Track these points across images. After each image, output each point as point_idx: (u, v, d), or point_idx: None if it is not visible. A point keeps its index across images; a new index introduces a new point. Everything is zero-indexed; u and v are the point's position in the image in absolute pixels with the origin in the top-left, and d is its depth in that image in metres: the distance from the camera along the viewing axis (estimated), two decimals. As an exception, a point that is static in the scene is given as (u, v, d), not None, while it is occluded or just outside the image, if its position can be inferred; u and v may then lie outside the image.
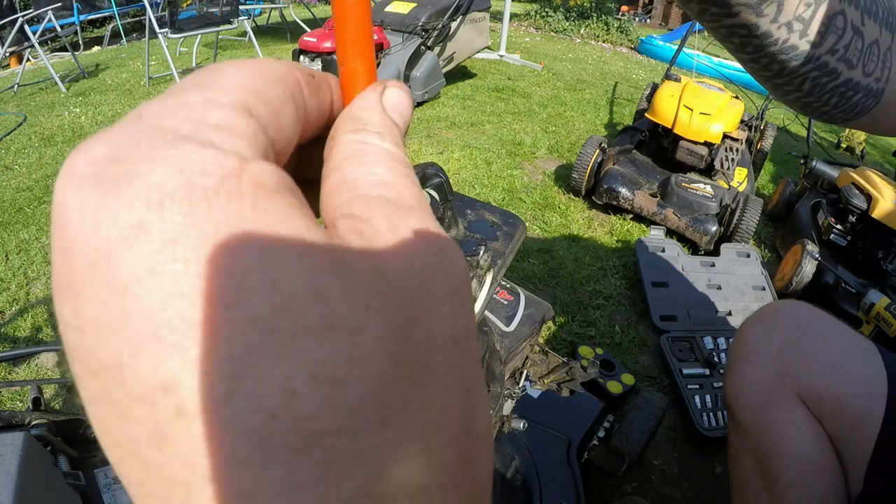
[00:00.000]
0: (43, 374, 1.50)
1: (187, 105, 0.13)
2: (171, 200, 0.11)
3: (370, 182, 0.14)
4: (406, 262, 0.13)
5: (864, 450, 0.66)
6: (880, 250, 1.93)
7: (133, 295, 0.10)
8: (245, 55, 5.01)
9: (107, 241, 0.11)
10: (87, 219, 0.11)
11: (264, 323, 0.10)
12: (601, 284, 2.05)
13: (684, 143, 2.46)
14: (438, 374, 0.13)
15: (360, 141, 0.16)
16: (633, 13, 9.84)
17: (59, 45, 5.39)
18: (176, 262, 0.10)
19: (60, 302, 0.11)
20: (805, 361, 0.72)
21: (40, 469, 0.47)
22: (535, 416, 1.15)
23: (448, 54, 3.81)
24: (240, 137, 0.13)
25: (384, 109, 0.17)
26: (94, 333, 0.11)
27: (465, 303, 0.14)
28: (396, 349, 0.12)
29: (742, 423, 0.77)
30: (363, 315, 0.11)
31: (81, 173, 0.11)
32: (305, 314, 0.11)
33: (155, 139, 0.12)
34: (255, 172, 0.12)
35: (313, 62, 3.14)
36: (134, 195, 0.11)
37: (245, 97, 0.13)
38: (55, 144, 2.98)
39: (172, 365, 0.10)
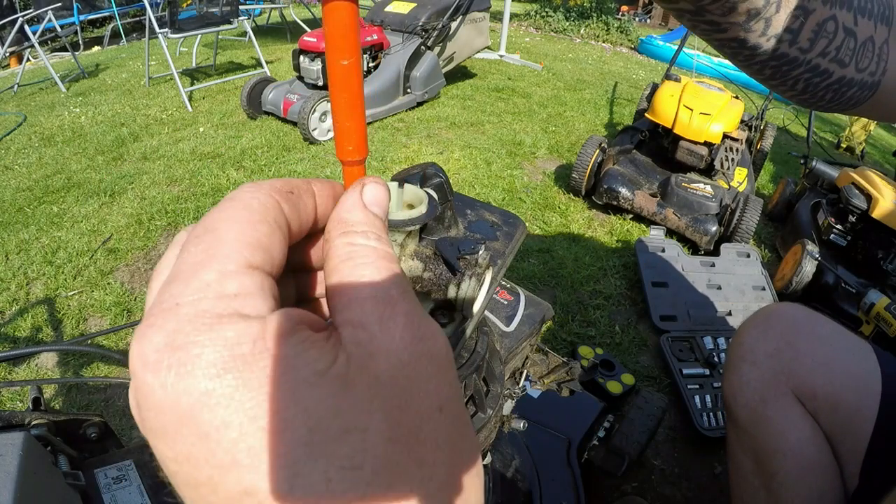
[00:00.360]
0: (43, 374, 1.50)
1: (208, 284, 0.17)
2: (224, 370, 0.16)
3: (361, 285, 0.19)
4: (396, 360, 0.17)
5: (858, 446, 0.67)
6: (880, 250, 1.93)
7: (215, 439, 0.15)
8: (245, 55, 5.02)
9: (188, 406, 0.15)
10: (167, 392, 0.15)
11: (304, 440, 0.16)
12: (601, 284, 2.05)
13: (684, 143, 2.46)
14: (428, 438, 0.18)
15: (349, 243, 0.20)
16: (633, 13, 9.83)
17: (59, 45, 5.39)
18: (238, 412, 0.15)
19: (155, 441, 0.16)
20: (800, 360, 0.73)
21: (40, 469, 0.47)
22: (535, 416, 1.15)
23: (448, 54, 3.81)
24: (252, 296, 0.17)
25: (365, 206, 0.21)
26: (189, 464, 0.16)
27: (446, 374, 0.19)
28: (393, 434, 0.17)
29: (740, 422, 0.78)
30: (367, 418, 0.16)
31: (153, 360, 0.16)
32: (329, 428, 0.16)
33: (197, 324, 0.16)
34: (273, 327, 0.17)
35: (313, 62, 3.14)
36: (198, 372, 0.15)
37: (244, 254, 0.18)
38: (55, 144, 2.98)
39: (250, 477, 0.15)
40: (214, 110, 3.54)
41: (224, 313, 0.16)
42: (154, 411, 0.16)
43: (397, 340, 0.18)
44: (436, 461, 0.18)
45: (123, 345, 1.62)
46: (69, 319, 1.71)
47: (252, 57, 4.79)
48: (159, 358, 0.16)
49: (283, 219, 0.20)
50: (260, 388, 0.16)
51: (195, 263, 0.17)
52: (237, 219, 0.18)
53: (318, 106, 2.94)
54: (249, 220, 0.18)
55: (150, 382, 0.16)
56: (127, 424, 1.37)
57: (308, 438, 0.16)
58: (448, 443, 0.18)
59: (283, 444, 0.15)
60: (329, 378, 0.16)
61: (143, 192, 2.45)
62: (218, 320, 0.16)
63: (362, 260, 0.19)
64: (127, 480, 0.55)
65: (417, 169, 0.39)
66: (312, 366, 0.16)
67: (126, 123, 3.29)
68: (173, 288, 0.17)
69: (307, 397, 0.16)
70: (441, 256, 0.32)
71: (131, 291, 1.85)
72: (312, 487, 0.15)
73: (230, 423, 0.15)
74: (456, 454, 0.18)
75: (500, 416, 0.59)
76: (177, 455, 0.16)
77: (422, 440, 0.17)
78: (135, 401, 0.17)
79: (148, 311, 0.17)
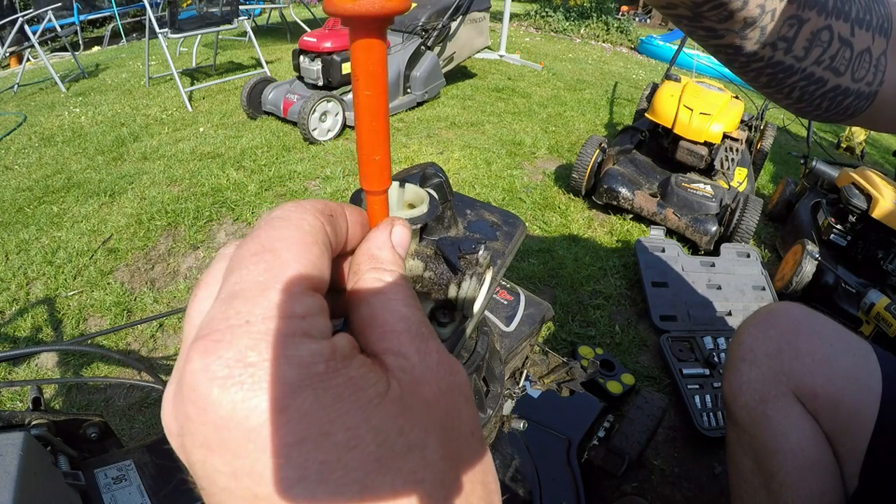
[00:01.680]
0: (43, 374, 1.50)
1: (277, 305, 0.17)
2: (301, 388, 0.16)
3: (395, 319, 0.20)
4: (437, 388, 0.19)
5: (859, 446, 0.67)
6: (880, 250, 1.93)
7: (284, 455, 0.16)
8: (245, 55, 5.02)
9: (259, 423, 0.16)
10: (236, 408, 0.16)
11: (374, 455, 0.16)
12: (601, 284, 2.05)
13: (684, 143, 2.46)
14: (465, 458, 0.20)
15: (378, 279, 0.21)
16: (633, 13, 9.83)
17: (59, 45, 5.39)
18: (312, 428, 0.16)
19: (207, 457, 0.16)
20: (800, 360, 0.73)
21: (40, 469, 0.47)
22: (535, 416, 1.15)
23: (448, 54, 3.81)
24: (318, 316, 0.18)
25: (393, 247, 0.23)
26: (250, 478, 0.16)
27: (471, 404, 0.21)
28: (444, 451, 0.18)
29: (740, 422, 0.78)
30: (425, 437, 0.18)
31: (223, 374, 0.16)
32: (396, 444, 0.17)
33: (271, 343, 0.16)
34: (340, 350, 0.18)
35: (313, 62, 3.14)
36: (274, 389, 0.16)
37: (306, 277, 0.18)
38: (55, 144, 2.98)
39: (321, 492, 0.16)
40: (214, 110, 3.54)
41: (296, 333, 0.17)
42: (214, 426, 0.16)
43: (434, 371, 0.19)
44: (474, 480, 0.20)
45: (123, 345, 1.62)
46: (69, 319, 1.71)
47: (252, 57, 4.79)
48: (230, 374, 0.16)
49: (328, 241, 0.21)
50: (333, 406, 0.16)
51: (260, 283, 0.18)
52: (293, 240, 0.19)
53: (317, 106, 2.94)
54: (304, 242, 0.19)
55: (217, 398, 0.16)
56: (127, 424, 1.37)
57: (378, 454, 0.17)
58: (480, 463, 0.20)
59: (355, 459, 0.16)
60: (390, 399, 0.18)
61: (143, 192, 2.45)
62: (291, 339, 0.17)
63: (393, 296, 0.21)
64: (127, 480, 0.55)
65: (417, 169, 0.39)
66: (375, 387, 0.18)
67: (126, 123, 3.29)
68: (239, 306, 0.17)
69: (375, 416, 0.17)
70: (442, 256, 0.32)
71: (131, 291, 1.85)
72: (381, 501, 0.16)
73: (305, 440, 0.16)
74: (486, 474, 0.21)
75: (500, 416, 0.59)
76: (236, 470, 0.16)
77: (464, 459, 0.19)
78: (184, 414, 0.17)
79: (207, 325, 0.17)
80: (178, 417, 0.17)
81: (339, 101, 3.08)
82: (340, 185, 2.58)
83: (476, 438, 0.20)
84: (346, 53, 3.17)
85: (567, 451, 1.11)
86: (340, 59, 3.12)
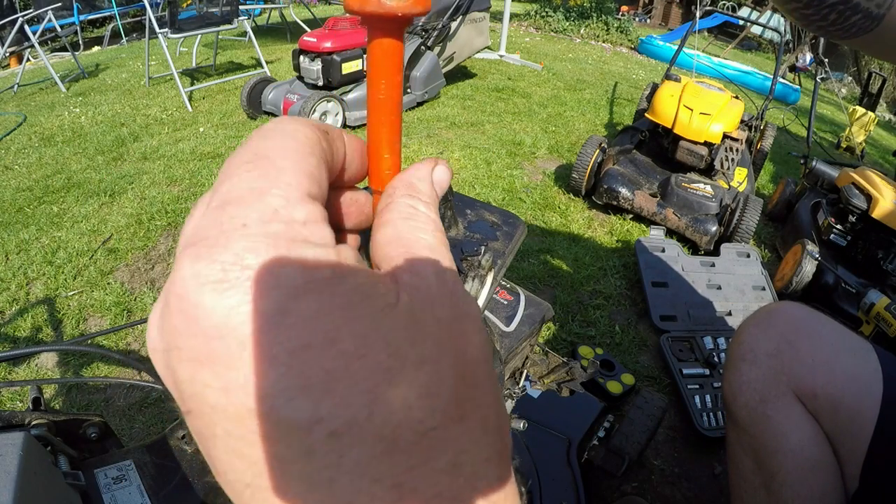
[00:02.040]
0: (43, 374, 1.50)
1: (276, 210, 0.16)
2: (305, 291, 0.15)
3: (420, 246, 0.19)
4: (450, 311, 0.18)
5: (859, 447, 0.67)
6: (880, 250, 1.93)
7: (285, 363, 0.14)
8: (245, 55, 5.02)
9: (258, 328, 0.14)
10: (231, 314, 0.14)
11: (384, 365, 0.15)
12: (601, 284, 2.05)
13: (684, 143, 2.46)
14: (480, 382, 0.18)
15: (412, 206, 0.21)
16: (633, 13, 9.83)
17: (59, 45, 5.39)
18: (318, 334, 0.15)
19: (197, 370, 0.15)
20: (800, 360, 0.73)
21: (40, 469, 0.47)
22: (535, 416, 1.15)
23: (448, 54, 3.81)
24: (320, 224, 0.17)
25: (433, 182, 0.22)
26: (244, 391, 0.14)
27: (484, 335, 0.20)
28: (460, 369, 0.17)
29: (740, 422, 0.78)
30: (438, 352, 0.17)
31: (216, 279, 0.15)
32: (408, 355, 0.16)
33: (273, 246, 0.15)
34: (345, 256, 0.17)
35: (313, 62, 3.14)
36: (275, 292, 0.15)
37: (304, 184, 0.17)
38: (55, 144, 2.98)
39: (325, 405, 0.14)
40: (214, 110, 3.54)
41: (298, 238, 0.16)
42: (203, 337, 0.15)
43: (449, 296, 0.18)
44: (489, 405, 0.18)
45: (123, 345, 1.62)
46: (69, 319, 1.71)
47: (252, 57, 4.79)
48: (225, 277, 0.15)
49: (326, 154, 0.19)
50: (340, 312, 0.15)
51: (255, 188, 0.16)
52: (290, 148, 0.18)
53: (317, 106, 2.94)
54: (301, 151, 0.18)
55: (207, 303, 0.15)
56: (127, 424, 1.37)
57: (389, 364, 0.15)
58: (493, 391, 0.19)
59: (364, 368, 0.15)
60: (400, 310, 0.16)
61: (143, 192, 2.45)
62: (293, 244, 0.16)
63: (422, 224, 0.20)
64: (127, 480, 0.55)
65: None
66: (384, 297, 0.16)
67: (126, 123, 3.29)
68: (233, 210, 0.16)
69: (385, 326, 0.16)
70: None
71: (131, 291, 1.85)
72: (392, 415, 0.15)
73: (309, 346, 0.14)
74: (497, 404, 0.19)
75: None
76: (228, 384, 0.14)
77: (478, 383, 0.18)
78: (171, 327, 0.15)
79: (198, 233, 0.16)
80: (163, 333, 0.16)
81: (339, 101, 3.08)
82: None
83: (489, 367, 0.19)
84: (346, 53, 3.17)
85: (567, 451, 1.11)
86: (340, 59, 3.12)
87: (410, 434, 0.15)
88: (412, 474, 0.15)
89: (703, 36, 8.45)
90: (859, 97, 4.23)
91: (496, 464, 0.18)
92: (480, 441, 0.17)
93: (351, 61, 3.20)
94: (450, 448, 0.16)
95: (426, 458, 0.15)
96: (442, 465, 0.16)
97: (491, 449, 0.18)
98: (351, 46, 3.21)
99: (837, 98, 5.80)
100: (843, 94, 6.78)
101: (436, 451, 0.16)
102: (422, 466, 0.15)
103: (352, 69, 3.22)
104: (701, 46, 6.99)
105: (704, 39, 8.38)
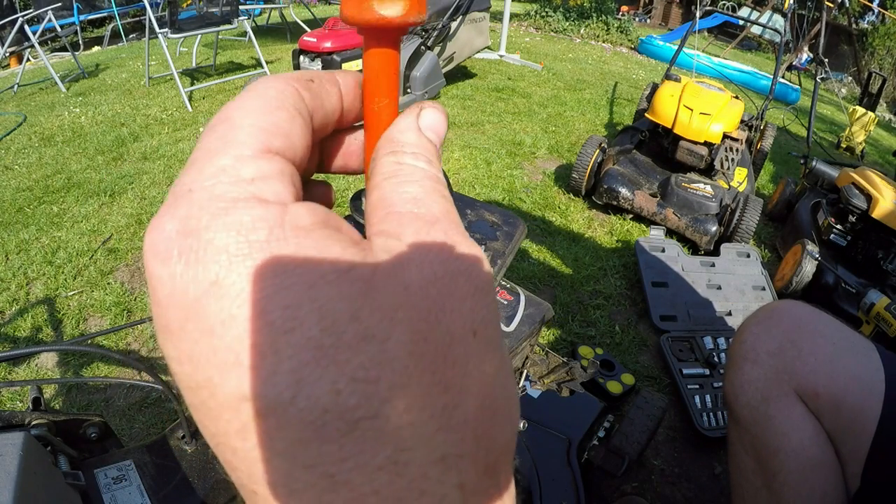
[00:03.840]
0: (43, 374, 1.50)
1: (223, 169, 0.16)
2: (237, 257, 0.14)
3: (403, 200, 0.17)
4: (429, 271, 0.16)
5: (861, 446, 0.67)
6: (880, 250, 1.93)
7: (219, 334, 0.14)
8: (245, 55, 5.02)
9: (195, 297, 0.14)
10: (175, 283, 0.14)
11: (314, 342, 0.14)
12: (601, 284, 2.05)
13: (684, 143, 2.46)
14: (457, 362, 0.16)
15: (396, 162, 0.19)
16: (633, 13, 9.83)
17: (59, 45, 5.39)
18: (246, 304, 0.14)
19: (163, 341, 0.15)
20: (803, 359, 0.72)
21: (40, 469, 0.47)
22: (535, 416, 1.15)
23: (448, 54, 3.81)
24: (272, 179, 0.16)
25: (420, 129, 0.20)
26: (191, 363, 0.14)
27: (484, 297, 0.17)
28: (417, 349, 0.15)
29: (741, 421, 0.78)
30: (388, 326, 0.15)
31: (163, 248, 0.15)
32: (344, 332, 0.14)
33: (211, 209, 0.15)
34: (294, 217, 0.15)
35: (313, 62, 3.14)
36: (208, 259, 0.14)
37: (261, 139, 0.17)
38: (55, 144, 2.98)
39: (251, 381, 0.14)
40: (214, 110, 3.53)
41: (240, 197, 0.15)
42: (162, 306, 0.15)
43: (433, 253, 0.16)
44: (463, 389, 0.15)
45: (123, 345, 1.62)
46: (69, 319, 1.71)
47: (252, 57, 4.79)
48: (169, 246, 0.15)
49: (303, 105, 0.18)
50: (273, 279, 0.14)
51: (209, 150, 0.16)
52: (253, 107, 0.17)
53: (318, 106, 2.95)
54: (266, 108, 0.17)
55: (159, 273, 0.15)
56: (127, 424, 1.37)
57: (319, 341, 0.14)
58: (479, 372, 0.16)
59: (290, 345, 0.14)
60: (350, 278, 0.15)
61: (144, 192, 2.45)
62: (233, 204, 0.15)
63: (407, 178, 0.18)
64: (127, 480, 0.55)
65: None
66: (333, 263, 0.15)
67: (126, 123, 3.29)
68: (186, 176, 0.16)
69: (323, 295, 0.14)
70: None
71: (131, 291, 1.85)
72: (318, 399, 0.13)
73: (237, 317, 0.14)
74: (489, 386, 0.16)
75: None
76: (180, 354, 0.15)
77: (450, 363, 0.15)
78: (151, 299, 0.15)
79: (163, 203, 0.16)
80: None
81: (339, 101, 3.08)
82: (340, 184, 2.58)
83: (481, 340, 0.16)
84: (346, 53, 3.18)
85: (567, 451, 1.11)
86: (340, 59, 3.12)
87: (340, 422, 0.14)
88: (344, 466, 0.14)
89: (703, 36, 8.45)
90: (859, 97, 4.23)
91: (464, 471, 0.15)
92: (434, 438, 0.15)
93: (351, 61, 3.20)
94: (389, 442, 0.14)
95: (359, 451, 0.14)
96: (379, 460, 0.14)
97: (453, 449, 0.15)
98: (351, 46, 3.21)
99: (837, 98, 5.80)
100: (843, 94, 6.78)
101: (371, 443, 0.14)
102: (354, 458, 0.14)
103: (352, 69, 3.22)
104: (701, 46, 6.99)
105: (704, 39, 8.38)
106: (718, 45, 8.51)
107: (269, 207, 0.15)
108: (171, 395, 0.57)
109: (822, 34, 3.28)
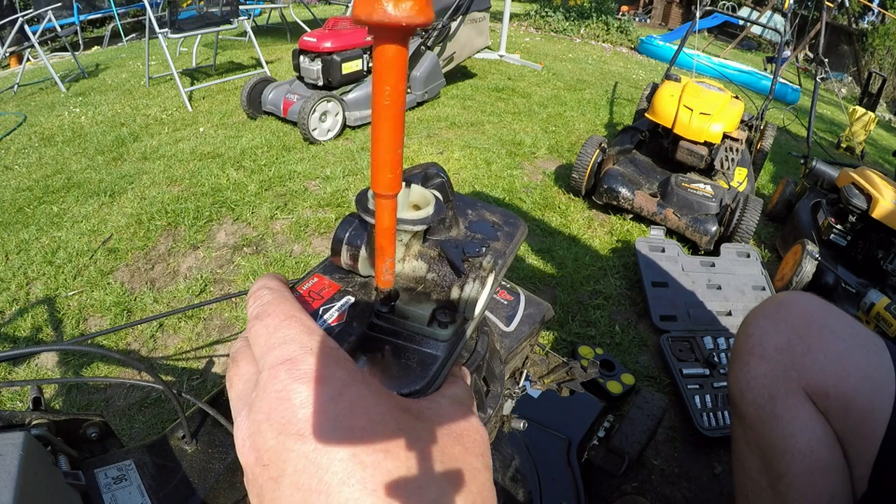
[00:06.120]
0: (43, 374, 1.50)
1: (322, 341, 0.26)
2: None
3: None
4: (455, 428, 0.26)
5: (869, 449, 0.65)
6: (880, 250, 1.93)
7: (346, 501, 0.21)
8: (245, 55, 5.02)
9: (338, 470, 0.21)
10: (309, 460, 0.22)
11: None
12: (601, 284, 2.05)
13: (684, 143, 2.46)
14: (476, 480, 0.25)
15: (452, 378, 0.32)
16: (633, 13, 9.84)
17: (59, 45, 5.39)
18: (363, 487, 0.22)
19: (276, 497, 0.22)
20: (812, 356, 0.69)
21: (40, 469, 0.47)
22: (535, 416, 1.15)
23: (448, 54, 3.81)
24: (341, 350, 0.26)
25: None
26: None
27: (486, 464, 0.27)
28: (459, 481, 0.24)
29: (747, 419, 0.75)
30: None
31: (295, 430, 0.22)
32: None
33: (320, 358, 0.24)
34: None
35: (313, 62, 3.14)
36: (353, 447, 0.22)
37: None
38: (55, 144, 2.98)
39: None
40: (214, 110, 3.54)
41: (340, 357, 0.26)
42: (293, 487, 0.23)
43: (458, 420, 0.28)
44: None
45: (123, 345, 1.62)
46: (69, 319, 1.71)
47: (252, 57, 4.79)
48: (299, 429, 0.23)
49: None
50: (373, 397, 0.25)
51: (305, 330, 0.27)
52: (296, 307, 0.28)
53: (317, 106, 2.94)
54: (297, 307, 0.28)
55: (290, 448, 0.23)
56: (127, 424, 1.37)
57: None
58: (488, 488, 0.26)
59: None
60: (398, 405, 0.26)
61: (143, 192, 2.45)
62: (339, 353, 0.26)
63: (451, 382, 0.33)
64: (127, 480, 0.55)
65: (419, 169, 0.39)
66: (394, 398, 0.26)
67: (126, 123, 3.29)
68: (294, 345, 0.26)
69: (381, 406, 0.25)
70: (446, 258, 0.32)
71: (131, 291, 1.85)
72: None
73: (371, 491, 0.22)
74: None
75: (500, 416, 0.59)
76: None
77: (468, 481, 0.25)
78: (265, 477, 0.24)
79: (278, 358, 0.25)
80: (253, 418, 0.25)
81: (339, 100, 3.08)
82: (340, 184, 2.58)
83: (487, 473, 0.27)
84: (346, 53, 3.17)
85: (567, 451, 1.11)
86: (340, 59, 3.12)
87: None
88: None
89: (703, 36, 8.46)
90: (859, 97, 4.23)
91: None
92: None
93: (351, 61, 3.20)
94: None
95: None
96: None
97: None
98: (351, 46, 3.21)
99: (837, 98, 5.80)
100: (843, 94, 6.78)
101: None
102: None
103: (352, 69, 3.22)
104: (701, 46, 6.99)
105: (704, 39, 8.39)
106: (718, 45, 8.51)
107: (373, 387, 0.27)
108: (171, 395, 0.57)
109: (822, 34, 3.28)
